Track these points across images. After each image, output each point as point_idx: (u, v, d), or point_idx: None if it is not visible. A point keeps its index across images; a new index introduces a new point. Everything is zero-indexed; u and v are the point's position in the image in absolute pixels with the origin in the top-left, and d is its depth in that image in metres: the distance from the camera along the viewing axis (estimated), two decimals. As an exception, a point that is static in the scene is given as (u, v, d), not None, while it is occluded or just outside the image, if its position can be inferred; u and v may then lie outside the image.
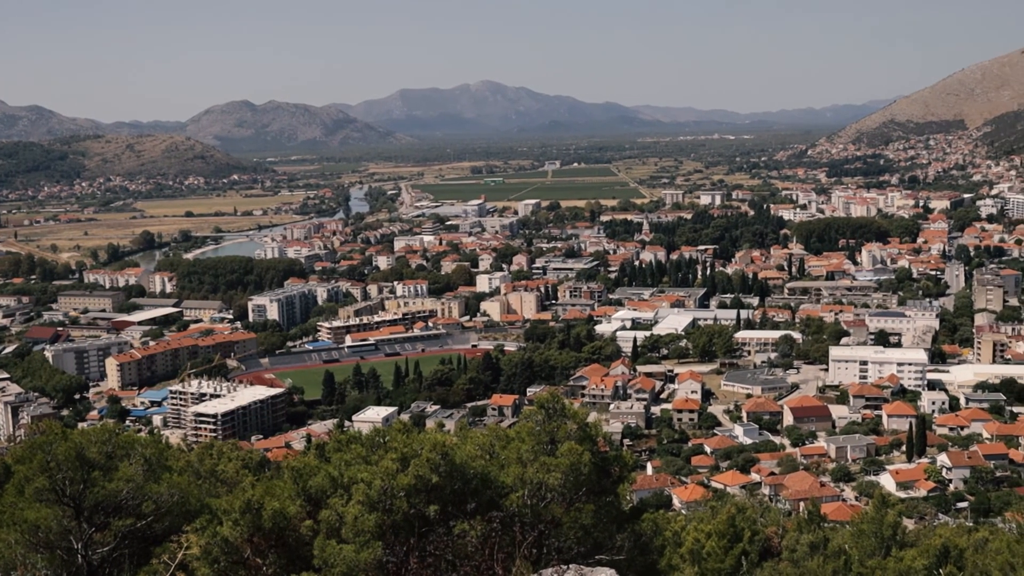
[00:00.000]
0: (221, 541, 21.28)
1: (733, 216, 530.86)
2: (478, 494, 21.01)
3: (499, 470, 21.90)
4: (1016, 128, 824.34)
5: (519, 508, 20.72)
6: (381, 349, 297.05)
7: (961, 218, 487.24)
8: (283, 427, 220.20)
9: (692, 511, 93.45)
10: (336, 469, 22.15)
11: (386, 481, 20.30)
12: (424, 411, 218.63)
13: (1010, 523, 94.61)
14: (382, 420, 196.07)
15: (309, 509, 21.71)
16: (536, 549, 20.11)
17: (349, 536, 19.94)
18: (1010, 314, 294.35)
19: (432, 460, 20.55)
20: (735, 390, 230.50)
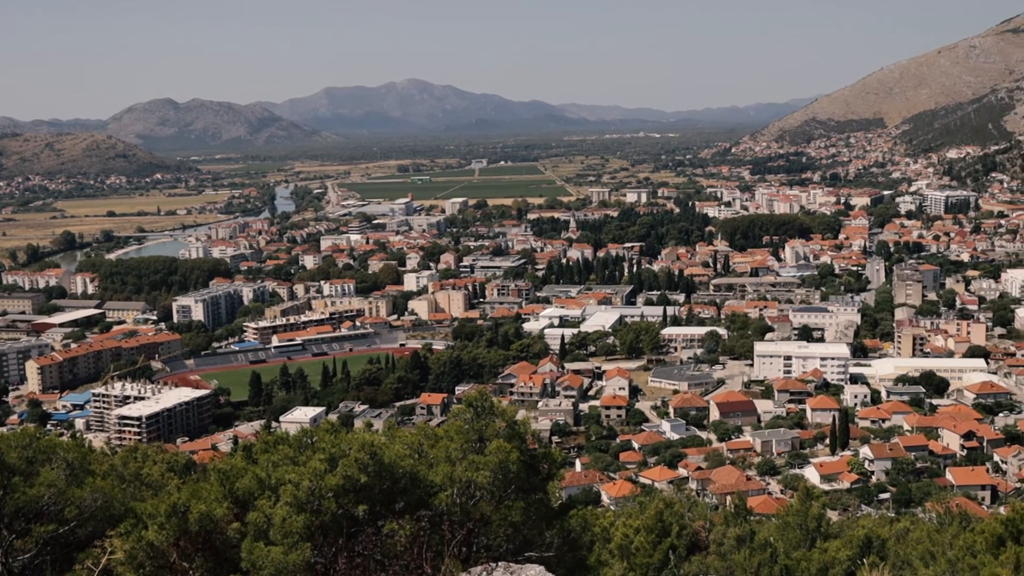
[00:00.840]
0: (146, 546, 21.00)
1: (659, 214, 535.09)
2: (407, 493, 20.97)
3: (428, 469, 21.87)
4: (933, 126, 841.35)
5: (448, 507, 20.72)
6: (308, 349, 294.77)
7: (881, 215, 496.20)
8: (209, 429, 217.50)
9: (621, 507, 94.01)
10: (263, 470, 21.96)
11: (314, 482, 20.18)
12: (352, 411, 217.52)
13: (930, 513, 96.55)
14: (310, 420, 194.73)
15: (236, 511, 21.50)
16: (465, 547, 20.13)
17: (277, 538, 19.79)
18: (929, 308, 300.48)
19: (360, 460, 20.46)
20: (662, 386, 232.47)
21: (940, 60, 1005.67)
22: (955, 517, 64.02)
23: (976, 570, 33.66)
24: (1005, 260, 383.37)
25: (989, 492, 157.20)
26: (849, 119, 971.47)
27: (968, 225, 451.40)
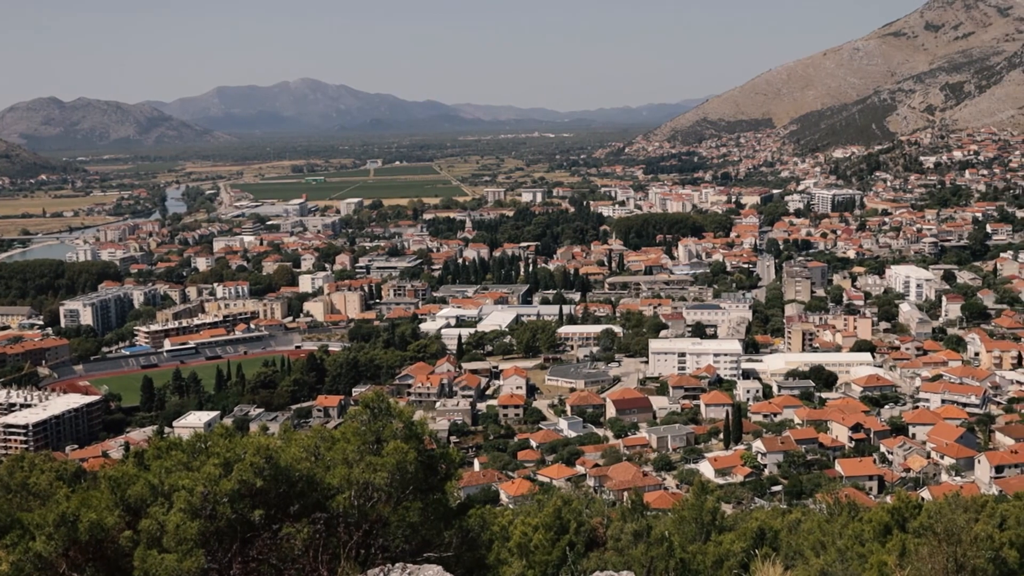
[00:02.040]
0: (34, 557, 20.46)
1: (554, 213, 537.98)
2: (304, 496, 20.78)
3: (325, 471, 21.69)
4: (820, 127, 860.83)
5: (346, 509, 20.59)
6: (202, 352, 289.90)
7: (771, 213, 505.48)
8: (100, 436, 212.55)
9: (519, 505, 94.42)
10: (156, 477, 21.55)
11: (209, 487, 19.86)
12: (248, 414, 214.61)
13: (820, 504, 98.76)
14: (204, 425, 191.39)
15: (128, 519, 21.06)
16: (363, 549, 20.02)
17: (171, 545, 19.44)
18: (817, 304, 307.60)
19: (256, 464, 20.21)
20: (559, 384, 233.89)
21: (826, 62, 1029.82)
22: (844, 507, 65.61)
23: (864, 558, 34.53)
24: (889, 257, 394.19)
25: (876, 482, 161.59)
26: (739, 119, 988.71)
27: (854, 223, 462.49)
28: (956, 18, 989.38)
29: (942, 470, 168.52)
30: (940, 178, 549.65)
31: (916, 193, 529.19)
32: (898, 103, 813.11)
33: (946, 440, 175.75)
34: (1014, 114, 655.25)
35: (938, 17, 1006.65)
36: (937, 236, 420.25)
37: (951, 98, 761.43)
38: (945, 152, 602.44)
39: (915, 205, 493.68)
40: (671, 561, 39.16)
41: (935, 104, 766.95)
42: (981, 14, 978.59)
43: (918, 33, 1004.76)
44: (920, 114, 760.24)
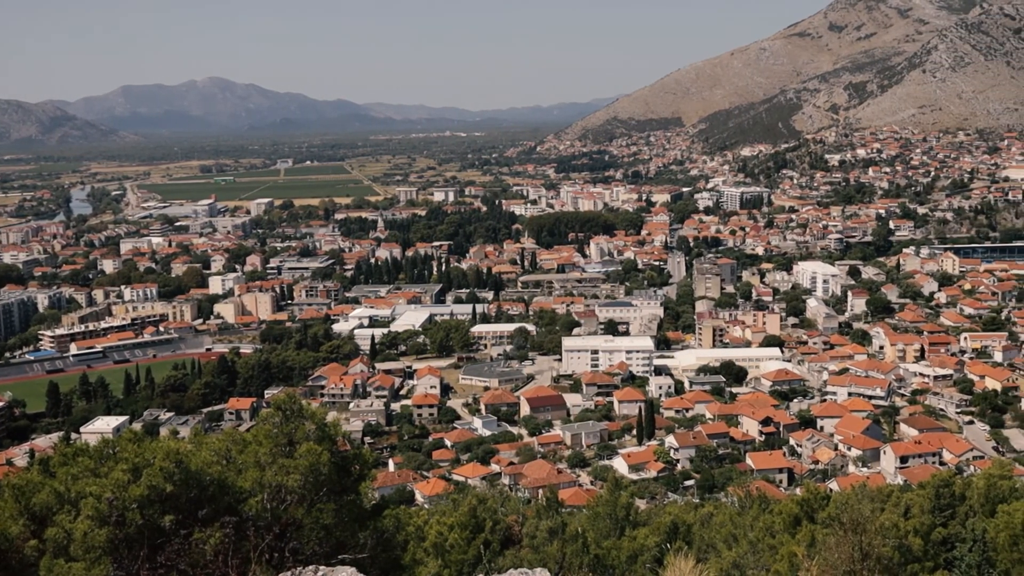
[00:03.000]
0: (-65, 568, 19.95)
1: (467, 212, 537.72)
2: (215, 500, 20.51)
3: (237, 475, 21.44)
4: (728, 125, 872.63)
5: (258, 512, 20.36)
6: (110, 356, 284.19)
7: (681, 211, 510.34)
8: (3, 443, 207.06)
9: (434, 505, 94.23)
10: (62, 484, 21.11)
11: (117, 493, 19.52)
12: (158, 419, 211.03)
13: (732, 497, 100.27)
14: (112, 430, 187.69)
15: (34, 528, 20.60)
16: (276, 553, 19.82)
17: (78, 553, 19.06)
18: (727, 300, 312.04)
19: (166, 469, 19.90)
20: (473, 383, 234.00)
21: (733, 62, 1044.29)
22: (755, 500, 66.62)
23: (775, 549, 35.12)
24: (796, 253, 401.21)
25: (786, 475, 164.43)
26: (649, 118, 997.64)
27: (762, 220, 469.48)
28: (859, 19, 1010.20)
29: (849, 461, 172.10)
30: (845, 176, 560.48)
31: (822, 190, 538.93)
32: (803, 102, 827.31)
33: (853, 432, 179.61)
34: (914, 113, 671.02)
35: (841, 18, 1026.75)
36: (842, 232, 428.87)
37: (855, 97, 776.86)
38: (849, 150, 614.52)
39: (821, 202, 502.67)
40: (586, 557, 39.40)
41: (839, 103, 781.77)
42: (882, 15, 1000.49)
43: (822, 34, 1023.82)
44: (825, 113, 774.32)
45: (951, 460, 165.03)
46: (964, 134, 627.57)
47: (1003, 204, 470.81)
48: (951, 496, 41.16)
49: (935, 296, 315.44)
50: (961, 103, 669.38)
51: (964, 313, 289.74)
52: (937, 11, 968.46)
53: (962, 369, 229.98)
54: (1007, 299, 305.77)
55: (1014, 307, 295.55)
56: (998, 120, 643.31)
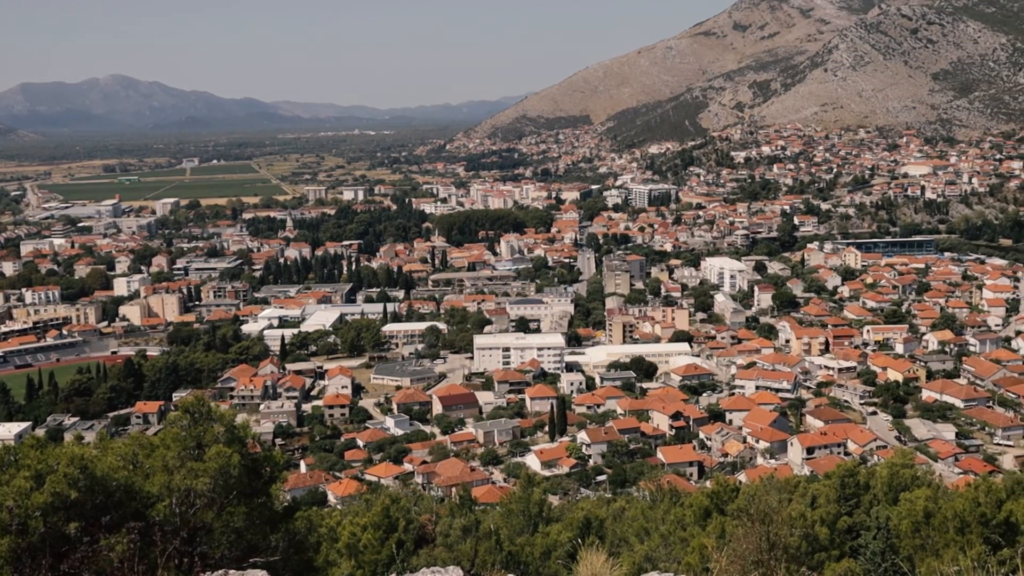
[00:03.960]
0: None
1: (376, 211, 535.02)
2: (122, 506, 20.12)
3: (144, 479, 21.07)
4: (636, 123, 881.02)
5: (166, 516, 20.03)
6: (10, 361, 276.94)
7: (590, 208, 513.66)
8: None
9: (347, 506, 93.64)
10: (-39, 493, 20.54)
11: (19, 501, 19.05)
12: (62, 424, 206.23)
13: (643, 491, 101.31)
14: (14, 437, 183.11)
15: (-69, 539, 20.02)
16: (185, 558, 19.52)
17: (-21, 563, 18.58)
18: (636, 297, 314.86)
19: (70, 475, 19.47)
20: (385, 383, 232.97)
21: (640, 60, 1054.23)
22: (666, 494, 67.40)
23: (686, 542, 35.55)
24: (704, 249, 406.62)
25: (696, 468, 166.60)
26: (558, 116, 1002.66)
27: (670, 217, 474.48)
28: (762, 19, 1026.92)
29: (757, 453, 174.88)
30: (750, 172, 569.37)
31: (728, 187, 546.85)
32: (709, 100, 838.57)
33: (761, 425, 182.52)
34: (817, 111, 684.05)
35: (745, 18, 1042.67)
36: (748, 228, 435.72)
37: (759, 95, 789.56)
38: (754, 147, 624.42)
39: (727, 199, 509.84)
40: (500, 554, 39.48)
41: (744, 101, 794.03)
42: (785, 15, 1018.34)
43: (727, 33, 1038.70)
44: (730, 111, 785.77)
45: (855, 450, 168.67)
46: (865, 131, 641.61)
47: (903, 200, 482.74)
48: (856, 485, 42.08)
49: (838, 290, 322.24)
50: (862, 101, 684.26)
51: (866, 306, 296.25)
52: (838, 11, 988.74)
53: (865, 361, 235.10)
54: (907, 292, 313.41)
55: (914, 300, 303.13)
56: (897, 118, 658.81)
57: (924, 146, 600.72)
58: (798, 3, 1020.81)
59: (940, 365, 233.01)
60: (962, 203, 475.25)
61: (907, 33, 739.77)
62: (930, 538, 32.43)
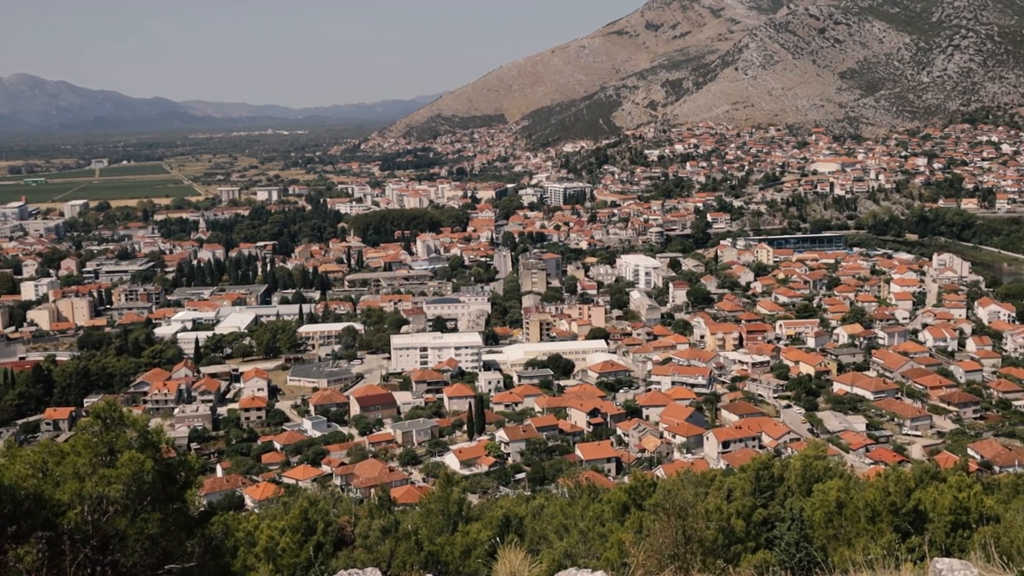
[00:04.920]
0: None
1: (291, 211, 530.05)
2: (31, 516, 19.70)
3: (55, 488, 20.66)
4: (550, 122, 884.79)
5: (78, 525, 19.66)
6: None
7: (506, 207, 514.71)
8: None
9: (265, 509, 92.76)
10: None
11: (-77, 512, 18.57)
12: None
13: (562, 488, 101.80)
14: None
15: None
16: (97, 567, 19.18)
17: None
18: (553, 295, 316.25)
19: (-24, 484, 19.03)
20: (302, 384, 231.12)
21: (554, 59, 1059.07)
22: (584, 490, 67.82)
23: (605, 537, 35.82)
24: (619, 247, 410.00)
25: (614, 464, 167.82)
26: (473, 115, 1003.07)
27: (585, 215, 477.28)
28: (674, 18, 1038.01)
29: (674, 448, 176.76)
30: (664, 171, 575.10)
31: (642, 185, 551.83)
32: (623, 99, 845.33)
33: (677, 420, 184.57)
34: (728, 109, 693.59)
35: (657, 17, 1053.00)
36: (663, 226, 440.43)
37: (672, 94, 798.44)
38: (668, 146, 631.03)
39: (642, 197, 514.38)
40: (420, 554, 39.42)
41: (657, 100, 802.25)
42: (696, 15, 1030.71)
43: (639, 32, 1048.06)
44: (644, 109, 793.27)
45: (770, 443, 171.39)
46: (775, 129, 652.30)
47: (812, 196, 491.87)
48: (770, 478, 42.75)
49: (751, 286, 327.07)
50: (772, 100, 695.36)
51: (779, 301, 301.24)
52: (748, 11, 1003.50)
53: (778, 355, 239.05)
54: (818, 287, 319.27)
55: (824, 295, 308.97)
56: (806, 116, 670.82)
57: (833, 144, 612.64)
58: (709, 3, 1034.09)
59: (850, 358, 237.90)
60: (870, 199, 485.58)
61: (815, 33, 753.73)
62: (842, 528, 33.09)
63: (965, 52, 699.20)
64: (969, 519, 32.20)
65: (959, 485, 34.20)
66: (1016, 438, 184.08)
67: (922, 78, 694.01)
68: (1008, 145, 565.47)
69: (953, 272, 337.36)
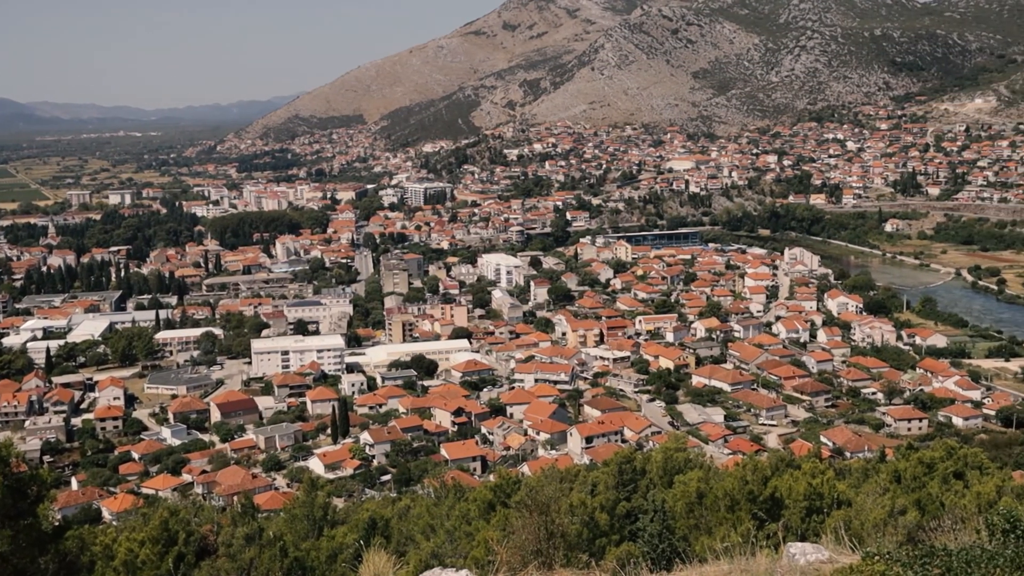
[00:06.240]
0: None
1: (145, 215, 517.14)
2: None
3: None
4: (410, 122, 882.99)
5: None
6: None
7: (366, 208, 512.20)
8: None
9: (123, 521, 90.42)
10: None
11: None
12: None
13: (428, 489, 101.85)
14: None
15: None
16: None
17: None
18: (415, 295, 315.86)
19: None
20: (160, 392, 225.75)
21: (412, 59, 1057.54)
22: (450, 490, 68.01)
23: (472, 536, 35.99)
24: (480, 246, 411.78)
25: (480, 462, 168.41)
26: (331, 116, 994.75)
27: (446, 215, 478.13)
28: (531, 18, 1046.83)
29: (539, 445, 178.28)
30: (523, 170, 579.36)
31: (502, 184, 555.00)
32: (482, 99, 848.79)
33: (541, 417, 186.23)
34: (585, 109, 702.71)
35: (514, 17, 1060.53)
36: (523, 225, 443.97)
37: (530, 94, 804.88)
38: (527, 145, 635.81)
39: (502, 196, 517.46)
40: (285, 560, 38.98)
41: (516, 100, 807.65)
42: (553, 15, 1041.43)
43: (497, 32, 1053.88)
44: (502, 109, 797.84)
45: (632, 437, 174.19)
46: (631, 128, 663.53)
47: (668, 194, 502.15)
48: (633, 471, 43.55)
49: (611, 282, 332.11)
50: (628, 99, 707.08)
51: (638, 297, 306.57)
52: (603, 12, 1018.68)
53: (638, 351, 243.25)
54: (675, 283, 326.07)
55: (682, 290, 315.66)
56: (661, 115, 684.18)
57: (687, 142, 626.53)
58: (565, 3, 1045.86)
59: (708, 351, 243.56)
60: (724, 196, 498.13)
61: (668, 33, 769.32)
62: (703, 517, 33.93)
63: (811, 53, 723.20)
64: (823, 504, 33.34)
65: (813, 472, 35.39)
66: (865, 424, 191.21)
67: (771, 78, 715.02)
68: (853, 142, 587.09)
69: (804, 266, 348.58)
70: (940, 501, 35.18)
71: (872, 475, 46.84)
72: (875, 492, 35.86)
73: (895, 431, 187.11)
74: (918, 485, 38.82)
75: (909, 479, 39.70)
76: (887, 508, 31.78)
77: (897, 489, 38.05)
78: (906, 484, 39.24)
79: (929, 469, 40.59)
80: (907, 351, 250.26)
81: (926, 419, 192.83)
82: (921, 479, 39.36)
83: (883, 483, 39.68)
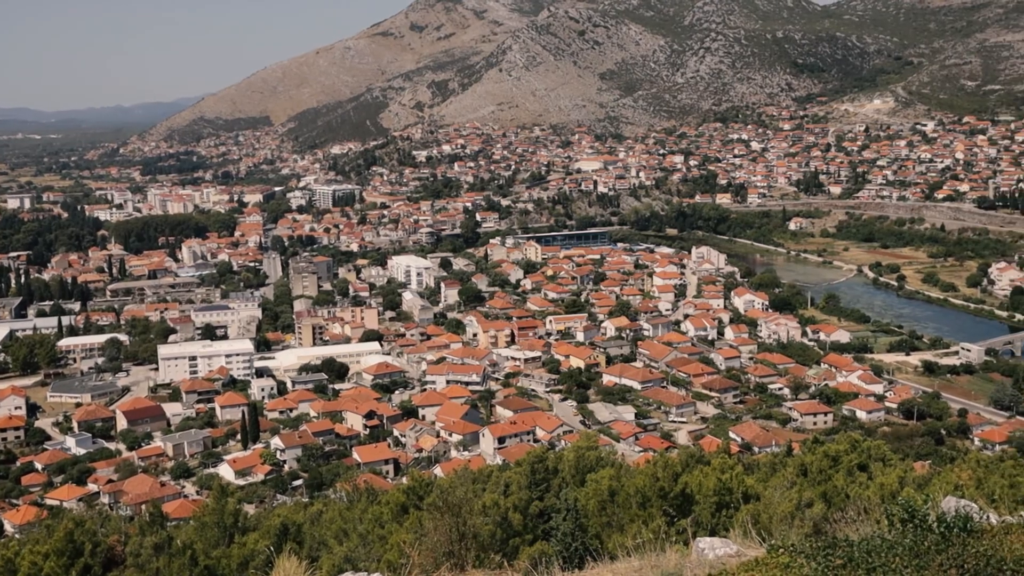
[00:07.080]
0: None
1: (46, 219, 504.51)
2: None
3: None
4: (317, 124, 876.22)
5: None
6: None
7: (274, 210, 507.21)
8: None
9: (26, 534, 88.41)
10: None
11: None
12: None
13: (340, 493, 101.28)
14: None
15: None
16: None
17: None
18: (325, 298, 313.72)
19: None
20: (64, 400, 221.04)
21: (319, 60, 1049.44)
22: (363, 493, 67.80)
23: (385, 539, 35.96)
24: (390, 248, 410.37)
25: (392, 465, 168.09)
26: (237, 117, 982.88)
27: (355, 217, 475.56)
28: (438, 20, 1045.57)
29: (451, 447, 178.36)
30: (432, 171, 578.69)
31: (411, 186, 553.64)
32: (390, 100, 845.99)
33: (453, 418, 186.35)
34: (494, 110, 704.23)
35: (422, 18, 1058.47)
36: (433, 226, 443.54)
37: (438, 95, 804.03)
38: (435, 146, 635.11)
39: (411, 197, 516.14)
40: (195, 569, 38.56)
41: (424, 101, 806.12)
42: (460, 16, 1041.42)
43: (404, 33, 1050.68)
44: (411, 110, 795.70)
45: (544, 436, 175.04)
46: (540, 129, 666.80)
47: (577, 194, 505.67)
48: (545, 471, 43.82)
49: (521, 283, 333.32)
50: (536, 100, 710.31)
51: (548, 298, 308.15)
52: (510, 13, 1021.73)
53: (549, 350, 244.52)
54: (585, 282, 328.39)
55: (592, 289, 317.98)
56: (569, 116, 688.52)
57: (595, 143, 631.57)
58: (472, 5, 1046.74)
59: (618, 350, 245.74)
60: (632, 196, 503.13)
61: (575, 35, 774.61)
62: (615, 515, 34.31)
63: (715, 54, 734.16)
64: (732, 499, 33.94)
65: (722, 467, 36.00)
66: (773, 420, 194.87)
67: (677, 79, 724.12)
68: (757, 142, 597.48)
69: (711, 264, 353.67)
70: (845, 493, 35.95)
71: (780, 469, 47.72)
72: (783, 486, 36.55)
73: (801, 425, 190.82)
74: (824, 478, 39.62)
75: (815, 472, 40.50)
76: (794, 501, 32.41)
77: (804, 482, 38.81)
78: (812, 477, 40.03)
79: (834, 462, 41.45)
80: (812, 347, 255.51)
81: (831, 413, 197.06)
82: (827, 472, 40.17)
83: (790, 477, 40.44)
